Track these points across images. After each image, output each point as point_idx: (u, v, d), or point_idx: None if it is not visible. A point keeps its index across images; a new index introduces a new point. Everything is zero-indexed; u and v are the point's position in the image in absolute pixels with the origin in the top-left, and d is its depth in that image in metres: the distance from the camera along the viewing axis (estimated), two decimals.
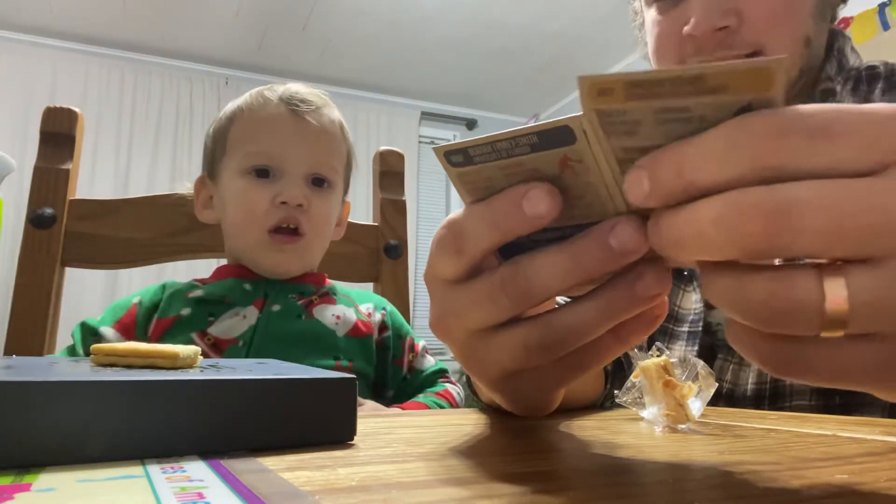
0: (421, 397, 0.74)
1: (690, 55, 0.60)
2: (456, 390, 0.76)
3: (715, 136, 0.20)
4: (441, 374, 0.80)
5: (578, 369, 0.29)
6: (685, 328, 0.65)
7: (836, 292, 0.19)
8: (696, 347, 0.63)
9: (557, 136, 0.22)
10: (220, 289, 0.72)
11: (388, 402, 0.74)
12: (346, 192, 0.83)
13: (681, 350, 0.65)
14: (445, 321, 0.29)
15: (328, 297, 0.77)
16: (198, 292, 0.71)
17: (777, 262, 0.21)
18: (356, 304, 0.78)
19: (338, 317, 0.74)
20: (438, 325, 0.30)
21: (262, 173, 0.72)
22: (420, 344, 0.81)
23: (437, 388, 0.76)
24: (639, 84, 0.20)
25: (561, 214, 0.24)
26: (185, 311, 0.70)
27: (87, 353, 0.66)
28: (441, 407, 0.72)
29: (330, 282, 0.81)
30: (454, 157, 0.24)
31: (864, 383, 0.21)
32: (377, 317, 0.79)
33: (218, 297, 0.71)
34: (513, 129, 0.23)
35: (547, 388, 0.31)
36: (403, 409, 0.69)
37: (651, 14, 0.65)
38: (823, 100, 0.63)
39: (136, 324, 0.70)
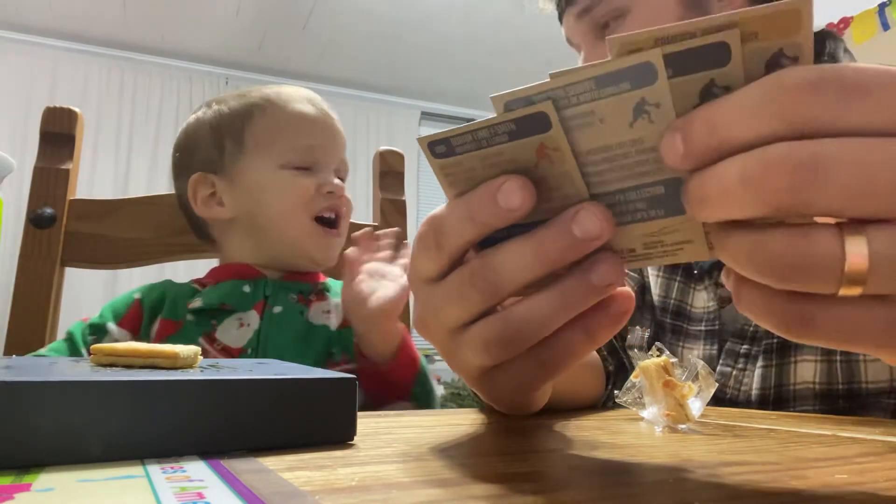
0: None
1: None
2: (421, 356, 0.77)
3: (748, 93, 0.19)
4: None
5: (552, 368, 0.29)
6: (701, 327, 0.65)
7: (856, 249, 0.19)
8: (715, 346, 0.63)
9: (533, 122, 0.22)
10: (218, 295, 0.72)
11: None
12: None
13: (700, 350, 0.64)
14: (425, 320, 0.29)
15: (322, 293, 0.77)
16: (196, 303, 0.71)
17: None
18: None
19: (329, 312, 0.74)
20: (420, 325, 0.30)
21: (306, 167, 0.75)
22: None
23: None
24: (670, 37, 0.20)
25: (539, 206, 0.24)
26: (190, 317, 0.70)
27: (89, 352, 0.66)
28: (427, 367, 0.72)
29: (324, 278, 0.81)
30: (437, 148, 0.24)
31: (872, 345, 0.21)
32: None
33: (217, 304, 0.71)
34: (492, 117, 0.23)
35: (524, 387, 0.31)
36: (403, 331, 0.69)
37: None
38: None
39: (141, 320, 0.70)
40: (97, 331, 0.69)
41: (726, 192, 0.20)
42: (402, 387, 0.67)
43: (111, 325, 0.69)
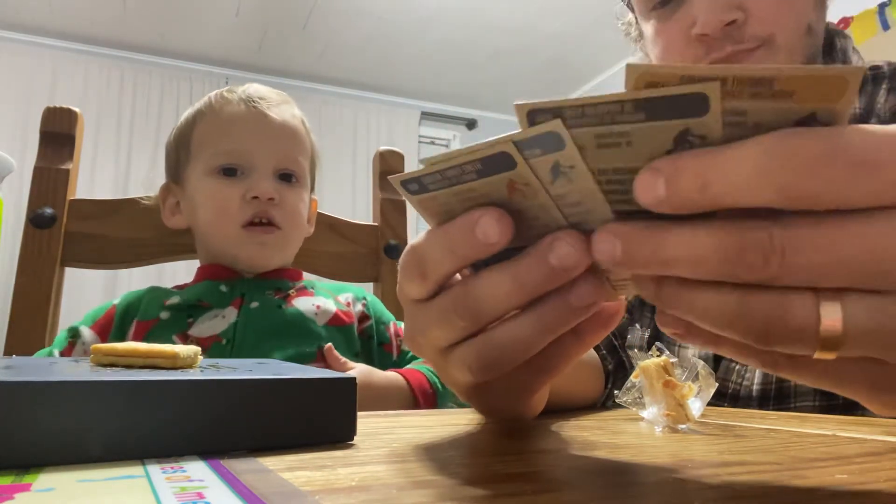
0: (416, 364, 0.74)
1: (701, 57, 0.60)
2: None
3: (748, 155, 0.18)
4: None
5: (544, 374, 0.29)
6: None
7: (831, 316, 0.19)
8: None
9: (498, 161, 0.22)
10: (195, 293, 0.73)
11: None
12: (312, 188, 0.84)
13: (696, 348, 0.64)
14: (415, 338, 0.29)
15: (305, 290, 0.77)
16: (174, 299, 0.71)
17: None
18: (335, 296, 0.79)
19: (317, 306, 0.74)
20: (410, 342, 0.30)
21: (230, 172, 0.73)
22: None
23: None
24: (694, 79, 0.18)
25: (520, 234, 0.24)
26: (164, 315, 0.70)
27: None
28: (438, 379, 0.71)
29: (306, 276, 0.81)
30: (410, 186, 0.24)
31: (857, 395, 0.22)
32: (357, 307, 0.79)
33: (194, 301, 0.71)
34: (459, 155, 0.22)
35: (517, 396, 0.31)
36: (400, 372, 0.68)
37: (651, 25, 0.65)
38: None
39: (112, 325, 0.71)
40: (74, 334, 0.71)
41: (699, 259, 0.19)
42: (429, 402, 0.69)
43: (83, 329, 0.71)
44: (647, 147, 0.20)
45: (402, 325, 0.81)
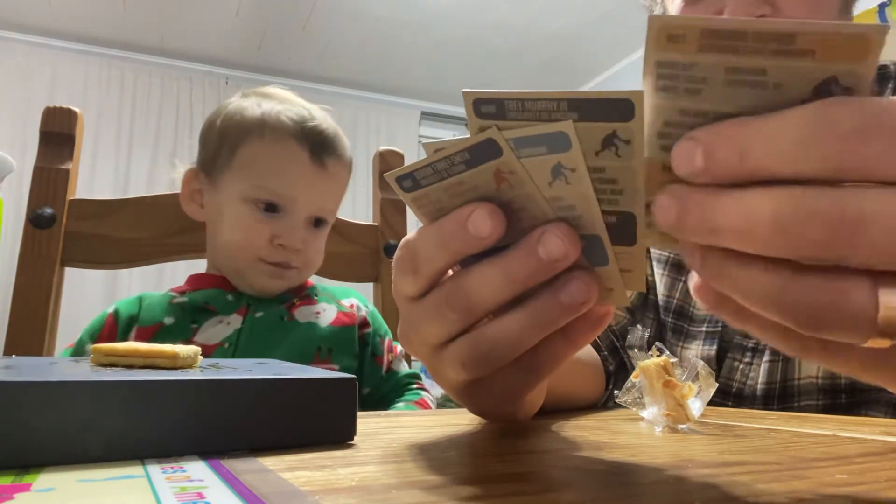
0: (402, 405, 0.75)
1: None
2: (430, 397, 0.77)
3: (791, 124, 0.17)
4: (415, 378, 0.80)
5: (535, 375, 0.30)
6: (703, 328, 0.65)
7: (891, 303, 0.17)
8: (714, 348, 0.63)
9: (485, 149, 0.22)
10: (203, 297, 0.73)
11: (362, 400, 0.74)
12: None
13: (697, 350, 0.64)
14: (408, 336, 0.30)
15: (309, 298, 0.77)
16: (181, 299, 0.71)
17: None
18: (338, 300, 0.79)
19: (318, 312, 0.75)
20: (403, 340, 0.30)
21: (269, 207, 0.72)
22: (398, 348, 0.81)
23: (414, 397, 0.76)
24: (716, 33, 0.17)
25: (510, 228, 0.24)
26: (169, 320, 0.70)
27: None
28: None
29: (312, 283, 0.81)
30: (404, 182, 0.25)
31: (890, 384, 0.21)
32: (361, 312, 0.79)
33: (201, 303, 0.71)
34: (447, 147, 0.23)
35: (509, 396, 0.31)
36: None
37: (676, 7, 0.63)
38: None
39: (115, 335, 0.70)
40: (78, 353, 0.69)
41: (750, 230, 0.18)
42: None
43: (89, 347, 0.70)
44: (585, 145, 0.21)
45: (398, 344, 0.81)
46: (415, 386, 0.78)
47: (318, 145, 0.73)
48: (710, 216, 0.19)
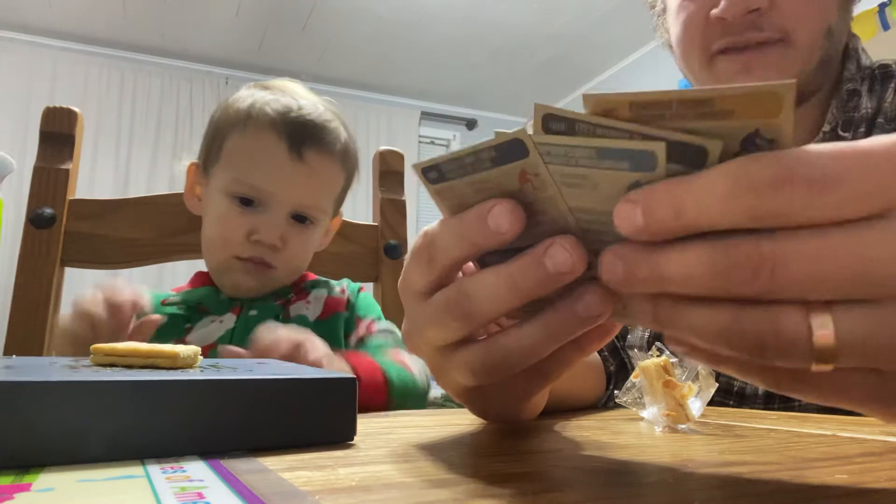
0: (373, 356, 0.67)
1: (717, 38, 0.60)
2: (413, 359, 0.68)
3: (715, 181, 0.19)
4: (391, 339, 0.74)
5: (542, 380, 0.30)
6: None
7: (822, 329, 0.19)
8: None
9: (512, 149, 0.22)
10: (195, 297, 0.73)
11: None
12: (339, 206, 0.82)
13: None
14: (412, 337, 0.29)
15: (304, 292, 0.77)
16: (174, 300, 0.71)
17: None
18: (331, 286, 0.78)
19: (308, 303, 0.74)
20: (407, 341, 0.30)
21: (246, 202, 0.70)
22: (384, 325, 0.77)
23: (387, 348, 0.70)
24: (645, 104, 0.19)
25: (527, 230, 0.24)
26: (163, 320, 0.70)
27: None
28: (396, 370, 0.63)
29: (313, 277, 0.81)
30: (430, 174, 0.25)
31: (862, 408, 0.22)
32: (346, 294, 0.79)
33: (193, 304, 0.71)
34: (476, 144, 0.23)
35: (513, 400, 0.31)
36: (346, 357, 0.62)
37: (675, 3, 0.64)
38: (849, 100, 0.63)
39: None
40: None
41: (692, 276, 0.20)
42: (376, 403, 0.62)
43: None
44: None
45: (381, 324, 0.78)
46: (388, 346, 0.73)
47: (297, 137, 0.70)
48: (655, 267, 0.21)
